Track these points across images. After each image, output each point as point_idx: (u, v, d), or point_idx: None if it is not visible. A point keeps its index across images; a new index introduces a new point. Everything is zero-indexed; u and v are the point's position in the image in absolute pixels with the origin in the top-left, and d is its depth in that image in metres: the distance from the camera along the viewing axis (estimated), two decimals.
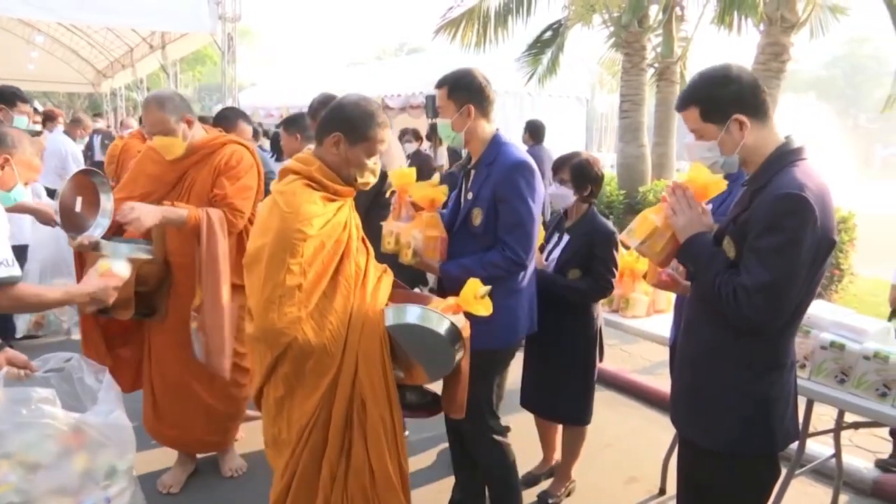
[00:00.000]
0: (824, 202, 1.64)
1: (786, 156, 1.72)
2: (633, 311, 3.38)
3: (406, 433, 2.42)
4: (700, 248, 1.79)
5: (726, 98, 1.73)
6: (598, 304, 2.99)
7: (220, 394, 3.02)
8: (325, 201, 2.03)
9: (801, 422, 2.23)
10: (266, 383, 2.05)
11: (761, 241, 1.63)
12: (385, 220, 2.66)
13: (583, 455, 3.12)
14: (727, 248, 1.75)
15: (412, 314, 2.00)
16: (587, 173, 2.86)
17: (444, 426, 2.80)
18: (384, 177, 2.86)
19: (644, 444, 3.67)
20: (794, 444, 2.47)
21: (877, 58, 36.11)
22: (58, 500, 1.93)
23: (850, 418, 2.75)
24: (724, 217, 1.91)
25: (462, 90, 2.41)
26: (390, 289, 2.19)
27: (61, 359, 2.14)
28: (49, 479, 1.91)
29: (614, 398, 4.38)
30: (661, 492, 3.21)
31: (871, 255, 6.79)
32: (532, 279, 2.57)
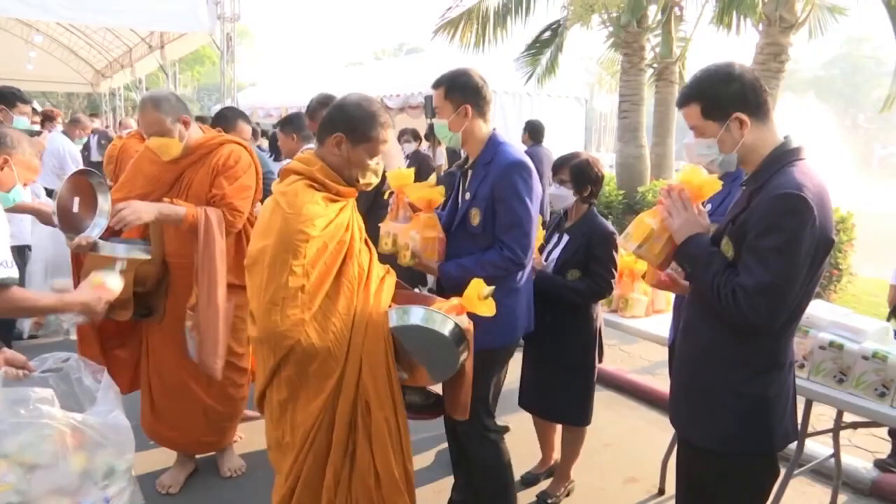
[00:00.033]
0: (823, 202, 1.64)
1: (784, 156, 1.72)
2: (632, 311, 3.37)
3: None
4: (697, 250, 1.79)
5: (728, 96, 1.72)
6: (598, 304, 2.99)
7: (219, 394, 3.02)
8: (328, 202, 2.01)
9: (799, 422, 2.23)
10: (269, 386, 2.03)
11: (761, 241, 1.62)
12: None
13: (582, 455, 3.12)
14: (725, 249, 1.75)
15: (416, 315, 1.98)
16: (587, 174, 2.86)
17: (443, 426, 2.80)
18: (384, 177, 2.86)
19: (643, 444, 3.67)
20: (793, 444, 2.47)
21: (875, 58, 36.13)
22: (57, 500, 1.92)
23: (848, 418, 2.75)
24: (722, 217, 1.91)
25: (459, 90, 2.41)
26: (393, 289, 2.17)
27: (59, 359, 2.14)
28: (48, 480, 1.90)
29: (613, 398, 4.38)
30: (661, 492, 3.21)
31: (870, 255, 6.79)
32: (530, 278, 2.57)
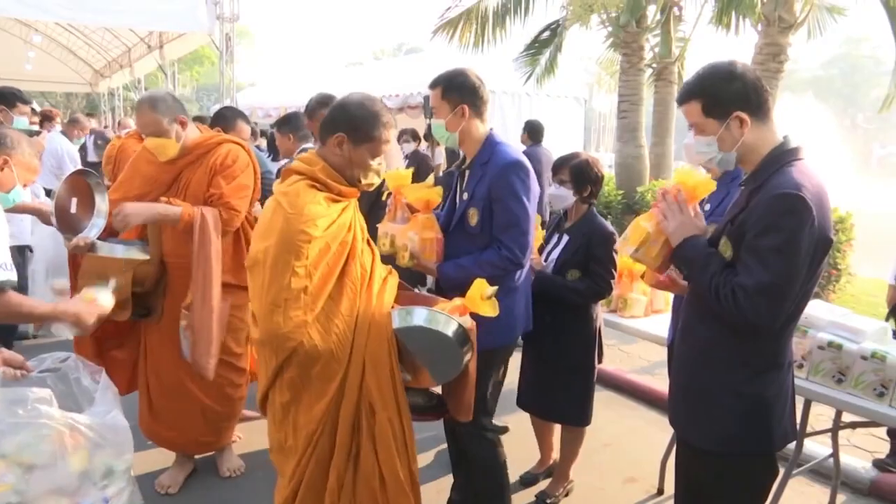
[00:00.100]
0: (821, 201, 1.64)
1: (783, 156, 1.72)
2: (631, 311, 3.37)
3: None
4: (693, 252, 1.78)
5: (729, 94, 1.72)
6: (598, 304, 2.99)
7: (217, 394, 3.02)
8: (330, 202, 1.99)
9: (798, 421, 2.23)
10: (271, 388, 2.01)
11: (760, 241, 1.62)
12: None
13: (581, 455, 3.12)
14: (724, 249, 1.74)
15: (419, 316, 1.97)
16: (587, 174, 2.86)
17: (442, 426, 2.80)
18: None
19: (642, 444, 3.67)
20: (792, 444, 2.47)
21: (874, 58, 36.14)
22: (55, 500, 1.92)
23: (847, 418, 2.75)
24: (721, 217, 1.91)
25: (456, 90, 2.40)
26: (396, 290, 2.16)
27: (57, 359, 2.13)
28: (46, 480, 1.90)
29: (612, 398, 4.38)
30: (660, 492, 3.22)
31: (869, 254, 6.79)
32: (528, 277, 2.57)
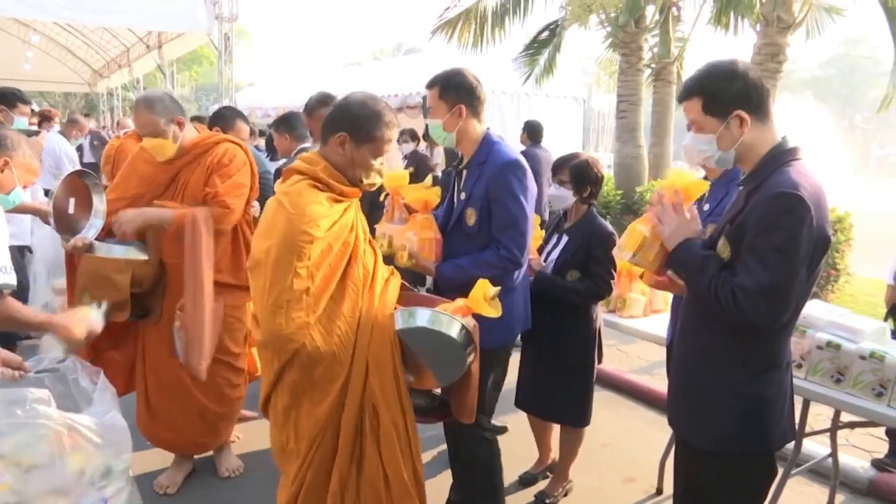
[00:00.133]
0: (819, 201, 1.65)
1: (780, 156, 1.72)
2: (630, 311, 3.37)
3: None
4: (688, 255, 1.77)
5: (731, 93, 1.72)
6: (598, 305, 2.99)
7: (215, 394, 3.01)
8: (332, 202, 1.97)
9: (797, 421, 2.23)
10: (273, 391, 1.99)
11: (759, 241, 1.62)
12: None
13: (580, 455, 3.12)
14: (722, 250, 1.74)
15: (422, 317, 1.96)
16: (587, 174, 2.86)
17: (442, 426, 2.79)
18: None
19: (641, 444, 3.67)
20: (791, 444, 2.47)
21: (872, 58, 36.22)
22: (54, 500, 1.92)
23: (846, 418, 2.76)
24: (720, 218, 1.91)
25: (453, 90, 2.40)
26: (398, 291, 2.14)
27: (55, 359, 2.13)
28: (45, 480, 1.89)
29: (611, 398, 4.38)
30: (658, 492, 3.22)
31: (867, 254, 6.80)
32: (526, 277, 2.57)
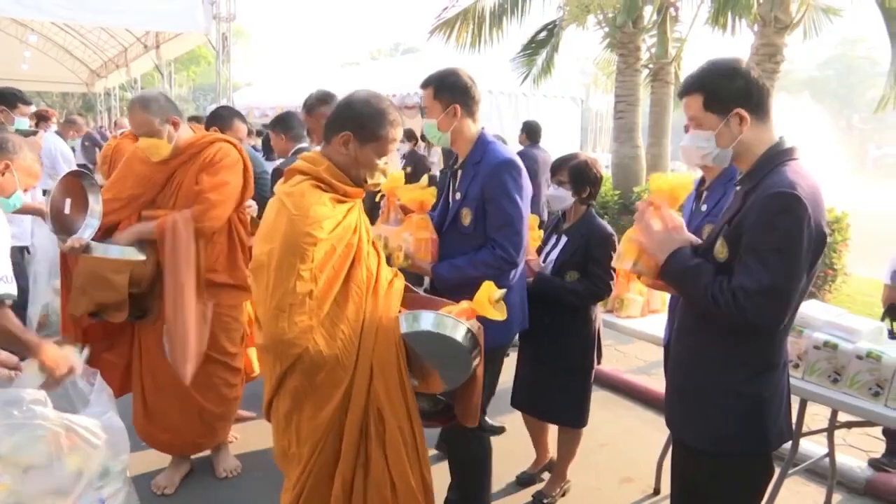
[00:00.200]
0: (816, 200, 1.65)
1: (777, 156, 1.72)
2: (627, 312, 3.37)
3: None
4: (679, 266, 1.76)
5: (731, 91, 1.72)
6: (597, 305, 2.99)
7: (212, 394, 3.01)
8: (335, 203, 1.91)
9: (794, 421, 2.23)
10: (275, 395, 1.95)
11: (759, 241, 1.62)
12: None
13: (578, 455, 3.12)
14: (720, 250, 1.74)
15: (427, 321, 1.93)
16: (586, 175, 2.86)
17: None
18: None
19: (639, 444, 3.68)
20: (788, 444, 2.48)
21: (870, 58, 36.33)
22: (52, 500, 1.92)
23: (843, 418, 2.76)
24: (718, 218, 1.91)
25: (448, 90, 2.40)
26: (402, 293, 2.10)
27: (33, 387, 2.12)
28: (42, 481, 1.89)
29: (609, 398, 4.39)
30: (656, 492, 3.22)
31: (864, 255, 6.81)
32: (523, 276, 2.57)
